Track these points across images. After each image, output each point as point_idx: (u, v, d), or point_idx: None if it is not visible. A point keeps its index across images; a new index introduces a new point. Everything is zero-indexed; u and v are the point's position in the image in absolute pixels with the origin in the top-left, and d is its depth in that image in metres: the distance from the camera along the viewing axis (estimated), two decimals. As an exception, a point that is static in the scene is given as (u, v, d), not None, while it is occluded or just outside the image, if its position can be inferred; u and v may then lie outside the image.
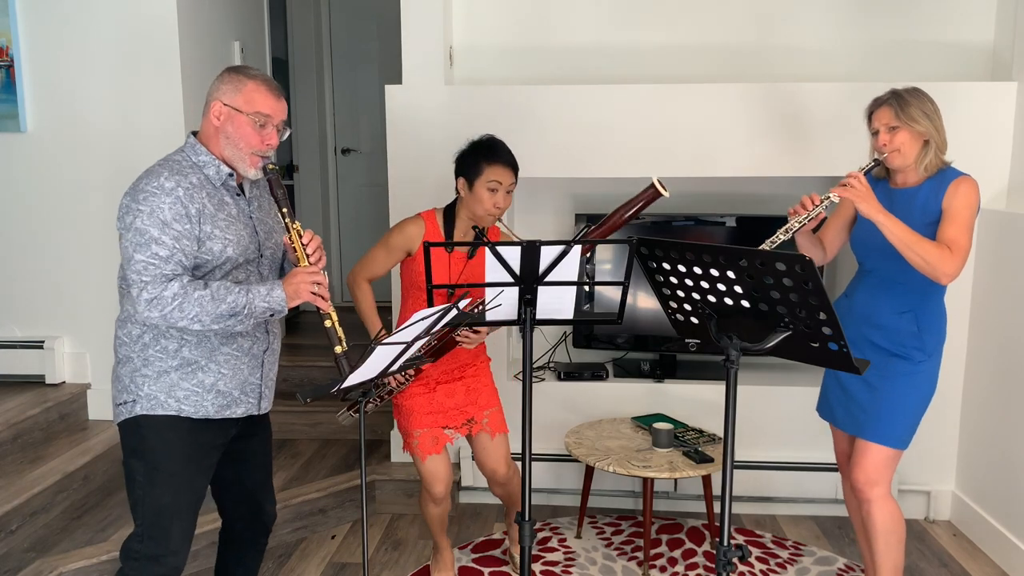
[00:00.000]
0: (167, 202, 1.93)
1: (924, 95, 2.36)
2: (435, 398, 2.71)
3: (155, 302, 1.92)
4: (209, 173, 2.04)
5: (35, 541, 2.86)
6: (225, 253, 2.02)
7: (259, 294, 2.00)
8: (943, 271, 2.23)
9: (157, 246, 1.92)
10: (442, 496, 2.75)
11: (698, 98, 3.37)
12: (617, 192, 3.76)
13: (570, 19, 3.67)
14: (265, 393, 2.21)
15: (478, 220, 2.61)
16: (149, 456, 2.05)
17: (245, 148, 2.03)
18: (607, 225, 2.53)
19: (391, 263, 2.69)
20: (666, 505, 3.55)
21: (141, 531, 2.07)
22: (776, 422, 3.49)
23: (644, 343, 3.75)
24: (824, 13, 3.58)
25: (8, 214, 3.69)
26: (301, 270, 2.03)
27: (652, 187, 2.50)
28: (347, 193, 5.90)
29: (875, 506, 2.39)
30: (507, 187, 2.57)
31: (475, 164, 2.57)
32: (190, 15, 3.65)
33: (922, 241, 2.23)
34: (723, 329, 1.87)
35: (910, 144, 2.33)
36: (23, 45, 3.59)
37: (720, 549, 1.84)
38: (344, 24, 5.72)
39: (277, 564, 3.11)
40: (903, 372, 2.37)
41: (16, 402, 3.48)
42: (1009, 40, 3.41)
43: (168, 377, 2.04)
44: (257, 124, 2.02)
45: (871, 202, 2.24)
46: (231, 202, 2.08)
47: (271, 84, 2.06)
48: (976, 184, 2.32)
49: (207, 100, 2.06)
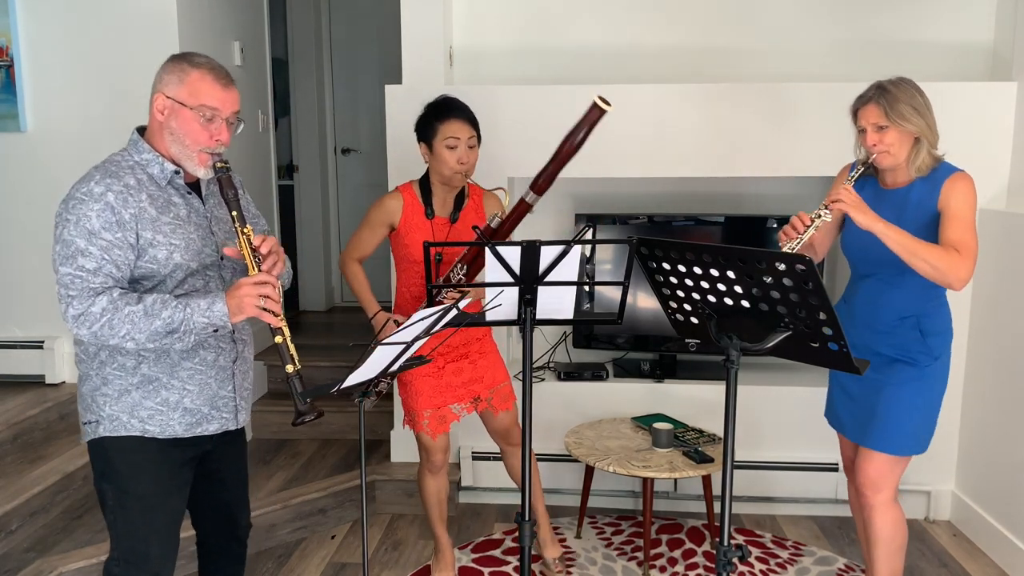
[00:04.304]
0: (95, 209, 1.77)
1: (912, 88, 2.22)
2: (443, 376, 2.73)
3: (82, 318, 1.77)
4: (152, 172, 1.88)
5: (35, 541, 2.86)
6: (172, 260, 1.86)
7: (198, 308, 1.80)
8: (955, 276, 2.11)
9: (83, 258, 1.77)
10: (440, 464, 2.79)
11: (698, 98, 3.36)
12: (617, 192, 3.78)
13: (570, 19, 3.67)
14: (241, 405, 2.07)
15: (447, 181, 2.61)
16: (117, 480, 1.93)
17: (192, 145, 1.85)
18: (559, 157, 2.35)
19: (376, 240, 2.72)
20: (666, 505, 3.55)
21: (118, 555, 1.96)
22: (776, 422, 3.49)
23: (644, 343, 3.75)
24: (824, 12, 3.58)
25: (8, 214, 3.69)
26: (247, 281, 1.82)
27: (594, 105, 2.28)
28: (347, 193, 5.90)
29: (877, 512, 2.35)
30: (467, 141, 2.55)
31: (429, 125, 2.59)
32: (190, 15, 3.65)
33: (928, 247, 2.12)
34: (723, 329, 1.87)
35: (900, 143, 2.21)
36: (23, 45, 3.60)
37: (720, 549, 1.84)
38: (344, 24, 5.72)
39: (277, 564, 3.11)
40: (909, 378, 2.29)
41: (16, 402, 3.48)
42: (1009, 40, 3.41)
43: (129, 396, 1.90)
44: (204, 119, 1.84)
45: (867, 213, 2.13)
46: (180, 202, 1.91)
47: (218, 72, 1.87)
48: (972, 179, 2.22)
49: (151, 92, 1.88)
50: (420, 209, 2.66)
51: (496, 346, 2.89)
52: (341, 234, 5.90)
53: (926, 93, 2.24)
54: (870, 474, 2.34)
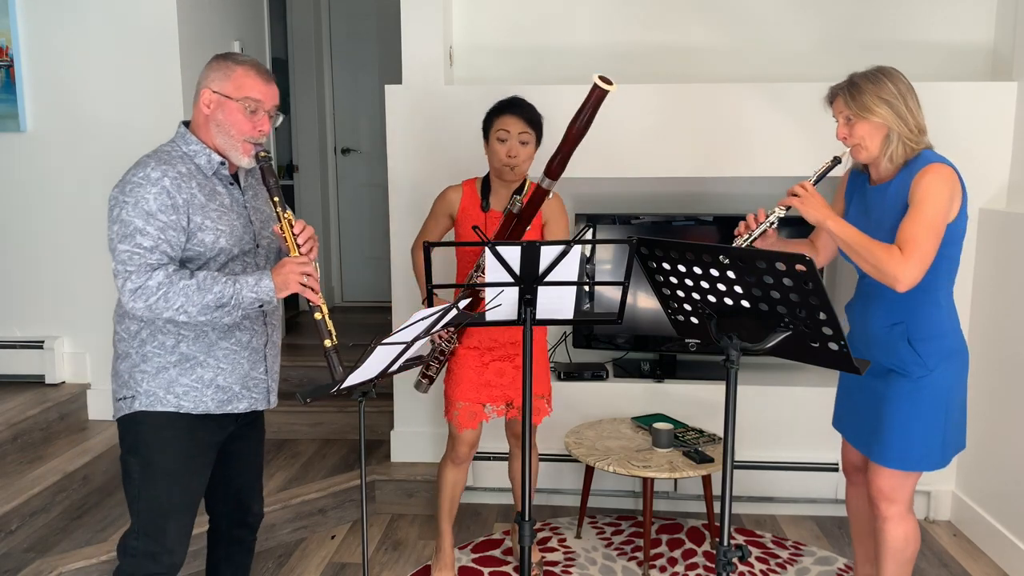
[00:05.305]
0: (152, 192, 1.90)
1: (885, 77, 2.13)
2: (485, 373, 2.77)
3: (140, 292, 1.89)
4: (200, 162, 2.01)
5: (35, 541, 2.86)
6: (218, 244, 1.99)
7: (247, 284, 1.95)
8: (893, 276, 2.03)
9: (141, 236, 1.89)
10: (463, 458, 2.84)
11: (698, 98, 3.36)
12: (618, 192, 3.78)
13: (569, 19, 3.67)
14: (272, 387, 2.19)
15: (499, 174, 2.68)
16: (145, 453, 2.04)
17: (237, 135, 2.00)
18: (568, 140, 2.40)
19: (439, 229, 2.81)
20: (666, 505, 3.55)
21: (137, 528, 2.06)
22: (776, 422, 3.49)
23: (644, 343, 3.75)
24: (824, 12, 3.58)
25: (8, 214, 3.69)
26: (290, 260, 1.97)
27: (596, 87, 2.30)
28: (347, 193, 5.90)
29: (890, 524, 2.26)
30: (517, 136, 2.61)
31: (488, 119, 2.69)
32: (190, 15, 3.65)
33: (870, 244, 2.06)
34: (723, 329, 1.87)
35: (871, 136, 2.13)
36: (23, 45, 3.60)
37: (720, 549, 1.84)
38: (344, 24, 5.72)
39: (277, 564, 3.11)
40: (905, 391, 2.19)
41: (16, 402, 3.48)
42: (1009, 40, 3.41)
43: (167, 373, 2.02)
44: (248, 110, 1.98)
45: (816, 207, 2.09)
46: (223, 192, 2.04)
47: (261, 69, 2.02)
48: (947, 171, 2.08)
49: (197, 88, 2.02)
50: (477, 202, 2.74)
51: (546, 356, 2.94)
52: (341, 234, 5.89)
53: (901, 75, 2.16)
54: (881, 487, 2.26)
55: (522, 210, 2.51)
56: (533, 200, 2.50)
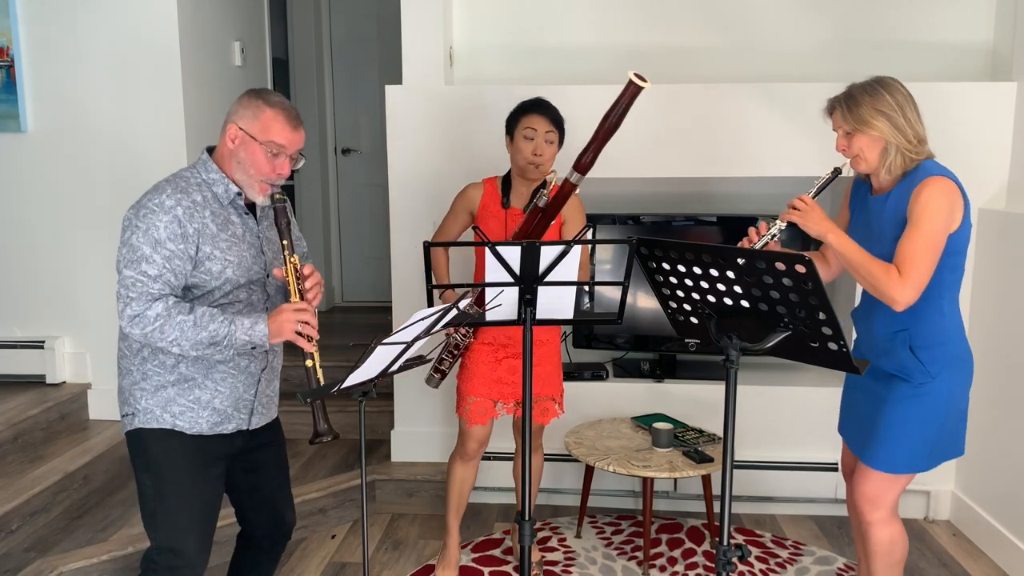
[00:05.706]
0: (164, 220, 1.93)
1: (883, 89, 2.12)
2: (497, 369, 2.78)
3: (137, 320, 1.92)
4: (218, 191, 2.04)
5: (35, 541, 2.86)
6: (224, 274, 2.02)
7: (242, 327, 1.97)
8: (890, 296, 2.04)
9: (147, 264, 1.92)
10: (471, 454, 2.84)
11: (699, 98, 3.37)
12: (617, 192, 3.78)
13: (569, 19, 3.67)
14: (257, 409, 2.20)
15: (522, 172, 2.69)
16: (154, 467, 2.07)
17: (256, 175, 2.02)
18: (600, 136, 2.42)
19: (458, 226, 2.82)
20: (666, 505, 3.55)
21: (158, 544, 2.09)
22: (776, 422, 3.49)
23: (644, 343, 3.75)
24: (824, 13, 3.58)
25: (8, 214, 3.69)
26: (288, 306, 2.00)
27: (631, 83, 2.29)
28: (347, 193, 5.89)
29: (875, 528, 2.27)
30: (544, 135, 2.64)
31: (514, 118, 2.69)
32: (190, 15, 3.65)
33: (869, 261, 2.06)
34: (723, 329, 1.87)
35: (870, 148, 2.13)
36: (23, 45, 3.60)
37: (720, 549, 1.84)
38: (344, 24, 5.72)
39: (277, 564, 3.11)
40: (905, 395, 2.19)
41: (16, 402, 3.48)
42: (1009, 40, 3.41)
43: (165, 392, 2.05)
44: (270, 153, 2.00)
45: (817, 221, 2.10)
46: (237, 221, 2.07)
47: (290, 114, 2.03)
48: (945, 184, 2.06)
49: (225, 120, 2.04)
50: (498, 199, 2.75)
51: (560, 358, 2.94)
52: (341, 234, 5.89)
53: (910, 93, 2.15)
54: (866, 492, 2.27)
55: (548, 204, 2.52)
56: (561, 194, 2.50)
